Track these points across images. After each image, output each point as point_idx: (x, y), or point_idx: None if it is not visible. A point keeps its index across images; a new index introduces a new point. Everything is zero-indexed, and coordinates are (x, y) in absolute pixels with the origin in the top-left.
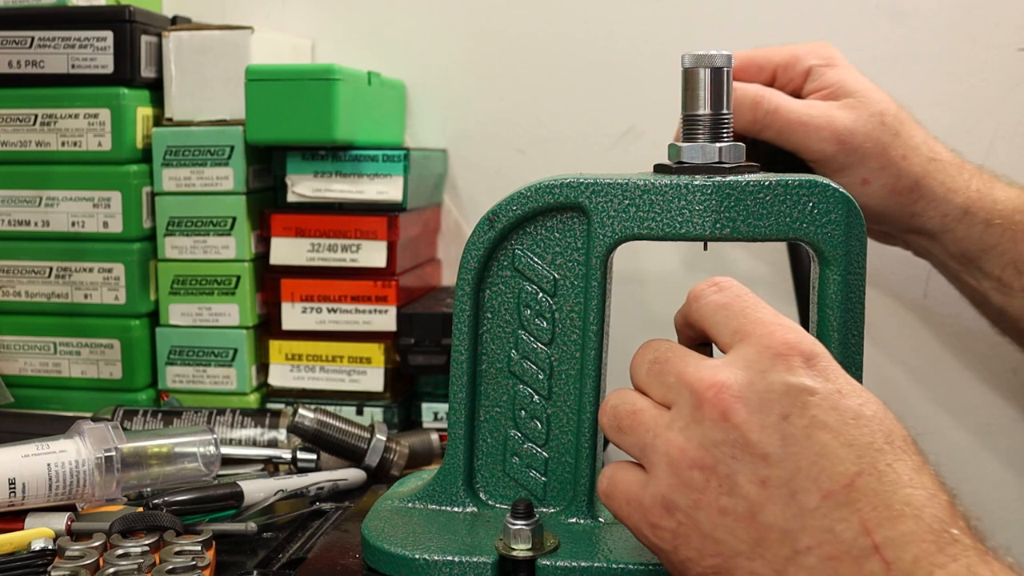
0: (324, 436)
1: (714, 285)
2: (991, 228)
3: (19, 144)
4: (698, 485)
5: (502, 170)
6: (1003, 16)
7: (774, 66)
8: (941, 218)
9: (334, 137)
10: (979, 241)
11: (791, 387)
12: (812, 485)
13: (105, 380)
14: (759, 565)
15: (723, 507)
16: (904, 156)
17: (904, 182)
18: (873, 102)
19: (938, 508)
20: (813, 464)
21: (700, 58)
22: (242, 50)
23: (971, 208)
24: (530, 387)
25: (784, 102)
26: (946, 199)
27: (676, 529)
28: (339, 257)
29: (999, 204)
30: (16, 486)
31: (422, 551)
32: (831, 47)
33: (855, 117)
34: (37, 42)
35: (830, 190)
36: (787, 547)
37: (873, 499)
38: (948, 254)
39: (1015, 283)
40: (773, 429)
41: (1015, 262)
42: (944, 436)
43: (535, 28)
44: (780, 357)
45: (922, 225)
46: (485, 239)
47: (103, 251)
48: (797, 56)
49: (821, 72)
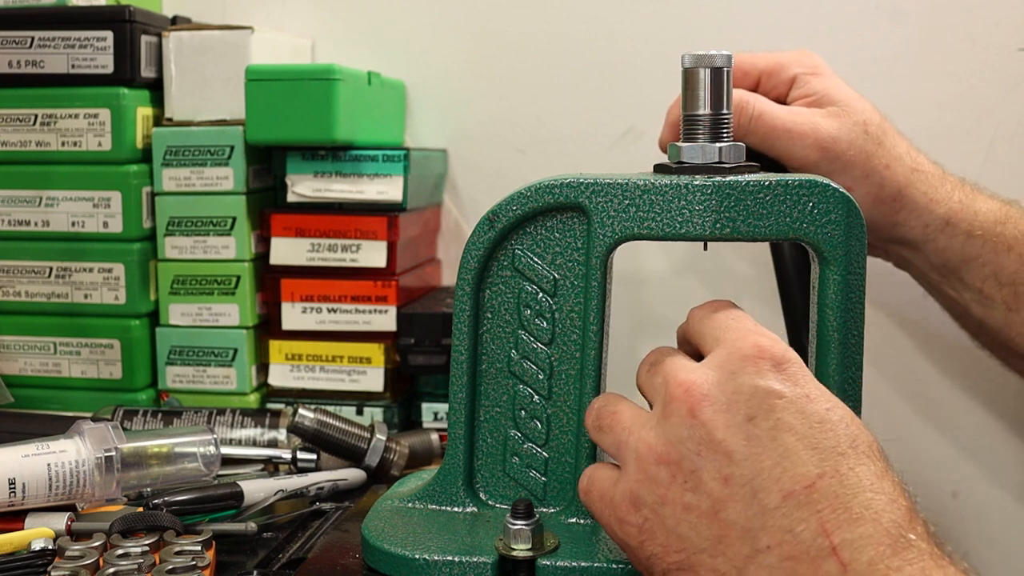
0: (324, 436)
1: (710, 304)
2: (972, 239)
3: (19, 144)
4: (663, 481)
5: (502, 170)
6: (1003, 16)
7: (759, 72)
8: (923, 228)
9: (334, 137)
10: (960, 252)
11: (759, 389)
12: (774, 485)
13: (105, 380)
14: (720, 562)
15: (687, 503)
16: (887, 165)
17: (887, 191)
18: (857, 111)
19: (897, 513)
20: (776, 465)
21: (700, 58)
22: (242, 50)
23: (953, 219)
24: (530, 387)
25: (768, 108)
26: (928, 209)
27: (642, 525)
28: (339, 257)
29: (980, 216)
30: (16, 486)
31: (422, 551)
32: (815, 56)
33: (839, 125)
34: (37, 42)
35: (830, 190)
36: (747, 545)
37: (833, 501)
38: (929, 265)
39: (995, 295)
40: (738, 428)
41: (996, 274)
42: (944, 436)
43: (535, 28)
44: (750, 360)
45: (904, 235)
46: (485, 239)
47: (103, 251)
48: (782, 63)
49: (806, 80)
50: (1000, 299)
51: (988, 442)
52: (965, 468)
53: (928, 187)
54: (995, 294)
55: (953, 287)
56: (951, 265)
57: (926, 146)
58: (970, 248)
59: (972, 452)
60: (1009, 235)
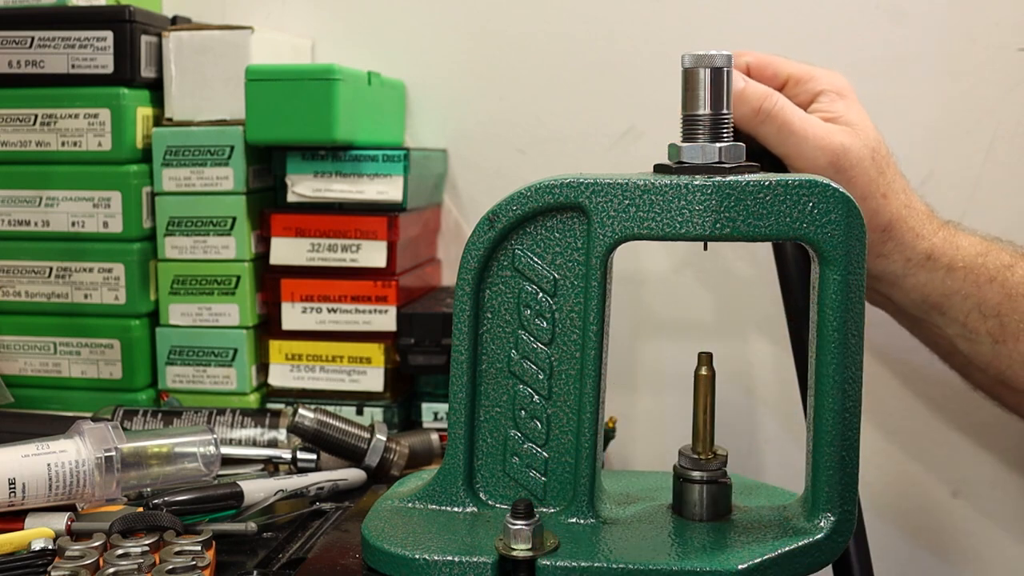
0: (324, 436)
1: None
2: (954, 272)
3: (19, 144)
4: None
5: (502, 170)
6: (1003, 16)
7: (787, 75)
8: (904, 262)
9: (334, 137)
10: (941, 286)
11: None
12: None
13: (105, 380)
14: None
15: None
16: (884, 195)
17: (879, 220)
18: (870, 137)
19: None
20: None
21: (700, 58)
22: (242, 50)
23: (934, 253)
24: (530, 387)
25: (789, 104)
26: (912, 244)
27: None
28: (339, 257)
29: (962, 250)
30: (16, 486)
31: (422, 551)
32: (845, 79)
33: (851, 142)
34: (37, 42)
35: (830, 190)
36: None
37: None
38: (909, 300)
39: (980, 327)
40: None
41: (979, 306)
42: (944, 436)
43: (535, 28)
44: None
45: (884, 268)
46: (485, 239)
47: (103, 251)
48: (813, 76)
49: (831, 99)
50: (985, 331)
51: (988, 442)
52: (965, 468)
53: (916, 223)
54: (979, 327)
55: (935, 323)
56: (932, 300)
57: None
58: (951, 282)
59: (972, 452)
60: (991, 266)
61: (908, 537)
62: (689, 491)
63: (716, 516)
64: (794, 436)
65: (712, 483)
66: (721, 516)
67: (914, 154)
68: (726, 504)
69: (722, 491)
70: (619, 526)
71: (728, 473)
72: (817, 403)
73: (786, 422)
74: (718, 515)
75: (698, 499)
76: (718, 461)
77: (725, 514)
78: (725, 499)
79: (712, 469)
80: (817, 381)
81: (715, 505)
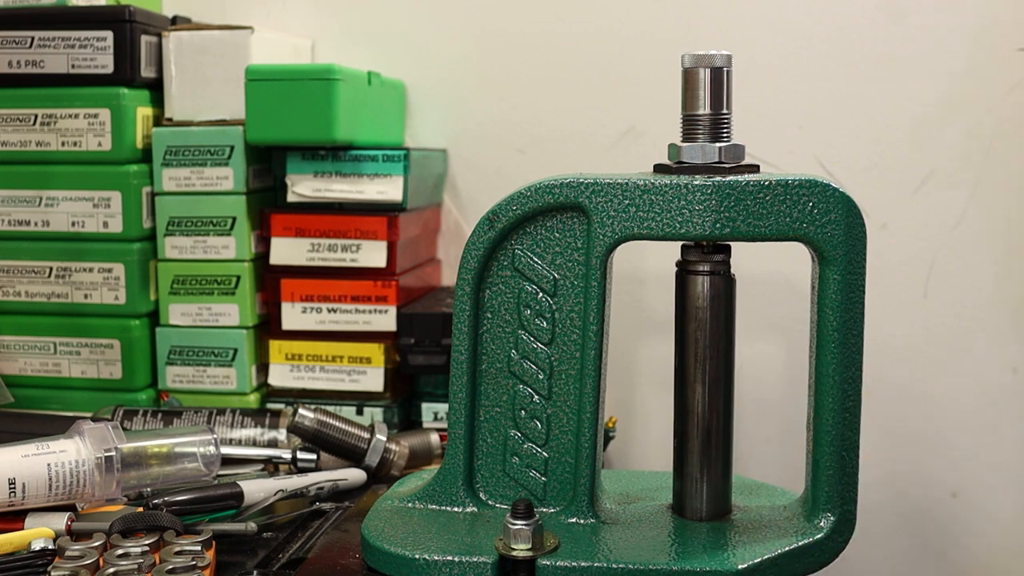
0: (324, 436)
1: None
2: None
3: (19, 144)
4: None
5: (502, 170)
6: (1003, 16)
7: None
8: None
9: (334, 137)
10: None
11: None
12: None
13: (105, 380)
14: None
15: None
16: None
17: None
18: None
19: None
20: None
21: (700, 58)
22: (242, 50)
23: None
24: (530, 387)
25: None
26: None
27: None
28: (339, 257)
29: None
30: (16, 486)
31: (422, 551)
32: None
33: None
34: (37, 42)
35: (830, 190)
36: None
37: None
38: None
39: None
40: None
41: None
42: (944, 436)
43: (535, 28)
44: None
45: None
46: (485, 239)
47: (103, 251)
48: None
49: None
50: None
51: (988, 442)
52: (965, 468)
53: None
54: None
55: None
56: None
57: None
58: None
59: (972, 452)
60: None
61: (908, 537)
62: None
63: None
64: (794, 436)
65: (716, 275)
66: (721, 515)
67: (914, 154)
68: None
69: (727, 284)
70: (619, 526)
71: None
72: (817, 403)
73: (786, 422)
74: (719, 510)
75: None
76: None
77: (725, 513)
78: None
79: (715, 261)
80: (817, 381)
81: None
